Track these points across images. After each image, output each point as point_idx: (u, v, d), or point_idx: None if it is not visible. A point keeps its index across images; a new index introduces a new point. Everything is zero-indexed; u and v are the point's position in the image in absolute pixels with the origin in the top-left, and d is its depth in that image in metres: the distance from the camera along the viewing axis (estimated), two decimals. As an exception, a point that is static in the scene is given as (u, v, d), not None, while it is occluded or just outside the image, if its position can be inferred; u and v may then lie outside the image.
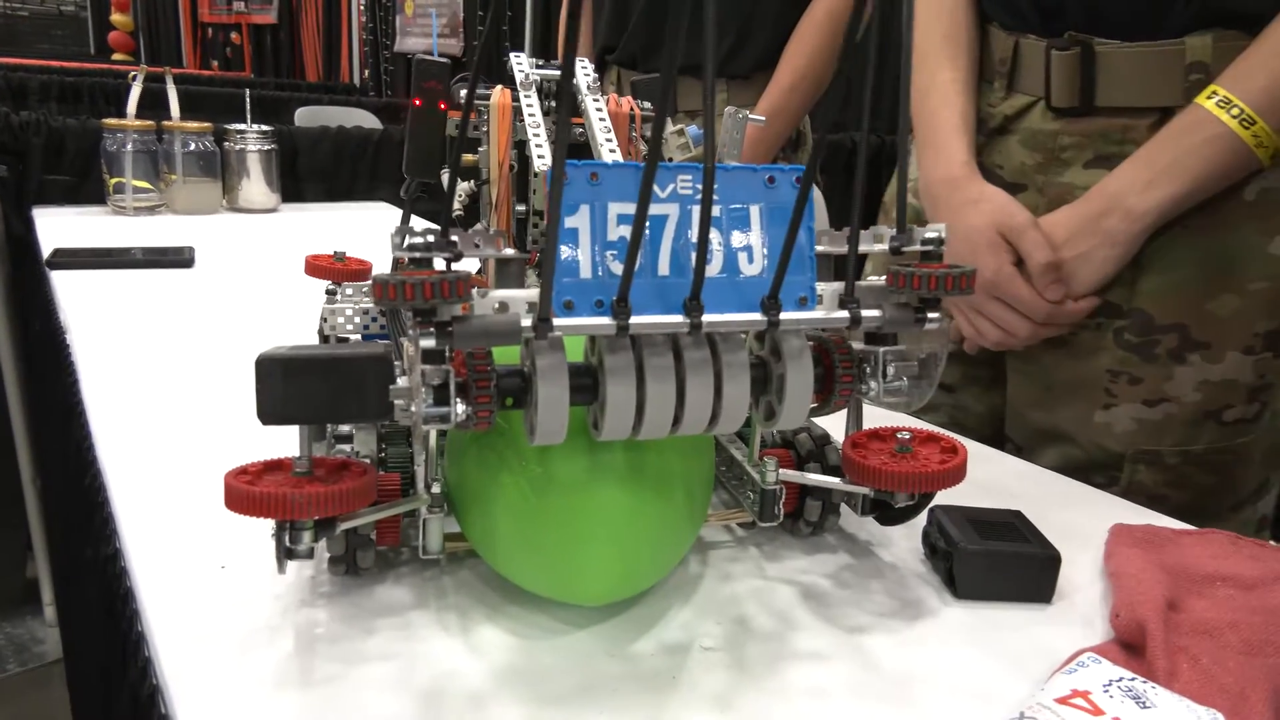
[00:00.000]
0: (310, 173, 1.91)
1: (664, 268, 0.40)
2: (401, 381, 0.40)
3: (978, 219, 0.81)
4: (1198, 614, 0.47)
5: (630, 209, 0.39)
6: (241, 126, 1.70)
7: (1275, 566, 0.54)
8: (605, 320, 0.38)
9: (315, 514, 0.41)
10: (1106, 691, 0.40)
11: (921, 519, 0.55)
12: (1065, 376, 0.84)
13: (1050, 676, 0.43)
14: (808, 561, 0.56)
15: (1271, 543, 0.59)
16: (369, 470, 0.43)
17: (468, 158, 0.64)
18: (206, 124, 1.69)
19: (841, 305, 0.43)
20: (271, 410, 0.40)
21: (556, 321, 0.38)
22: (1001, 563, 0.51)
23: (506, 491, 0.46)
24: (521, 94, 0.62)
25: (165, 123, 1.65)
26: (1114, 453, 0.82)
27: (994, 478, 0.69)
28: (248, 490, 0.40)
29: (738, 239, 0.41)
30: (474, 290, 0.38)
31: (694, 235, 0.40)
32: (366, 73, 4.91)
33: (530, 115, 0.61)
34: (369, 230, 1.67)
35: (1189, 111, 0.74)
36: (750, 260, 0.41)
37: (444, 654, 0.45)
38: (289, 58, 5.44)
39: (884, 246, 0.47)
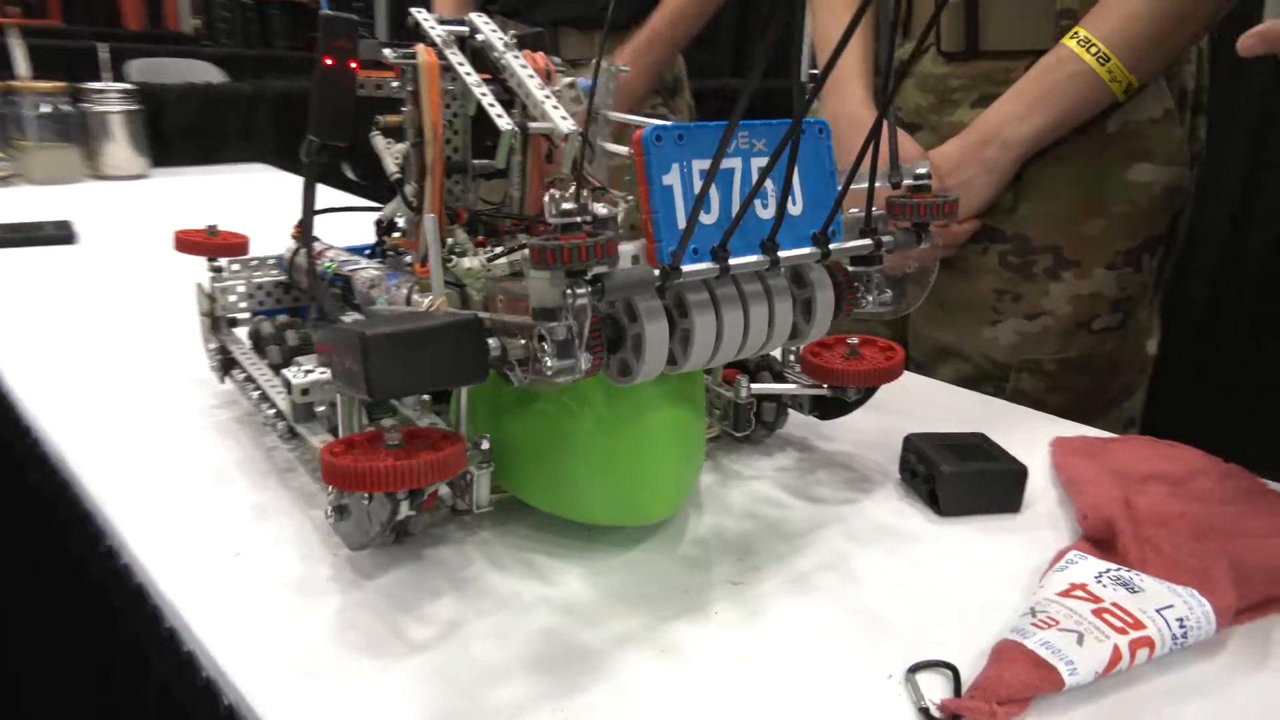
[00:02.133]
0: (178, 134, 1.79)
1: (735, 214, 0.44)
2: (492, 343, 0.42)
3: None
4: (1148, 509, 0.55)
5: (707, 164, 0.42)
6: (100, 85, 1.58)
7: (1191, 463, 0.63)
8: (709, 265, 0.42)
9: (434, 480, 0.42)
10: (1099, 582, 0.47)
11: (885, 441, 0.61)
12: (956, 297, 0.94)
13: (1044, 575, 0.50)
14: (799, 480, 0.60)
15: (1178, 444, 0.67)
16: (453, 435, 0.45)
17: (392, 118, 0.64)
18: (60, 83, 1.56)
19: (862, 234, 0.49)
20: (384, 385, 0.41)
21: (666, 267, 0.42)
22: (978, 481, 0.58)
23: (576, 436, 0.50)
24: (449, 53, 0.62)
25: (12, 82, 1.51)
26: (1001, 364, 0.93)
27: (928, 397, 0.76)
28: (373, 467, 0.41)
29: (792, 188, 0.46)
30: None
31: (764, 187, 0.45)
32: (198, 20, 4.57)
33: (468, 76, 0.62)
34: (250, 195, 1.59)
35: (1055, 51, 0.84)
36: (794, 202, 0.46)
37: (528, 594, 0.49)
38: (105, 3, 4.99)
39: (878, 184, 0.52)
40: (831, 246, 0.47)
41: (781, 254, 0.45)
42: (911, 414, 0.71)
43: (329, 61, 0.63)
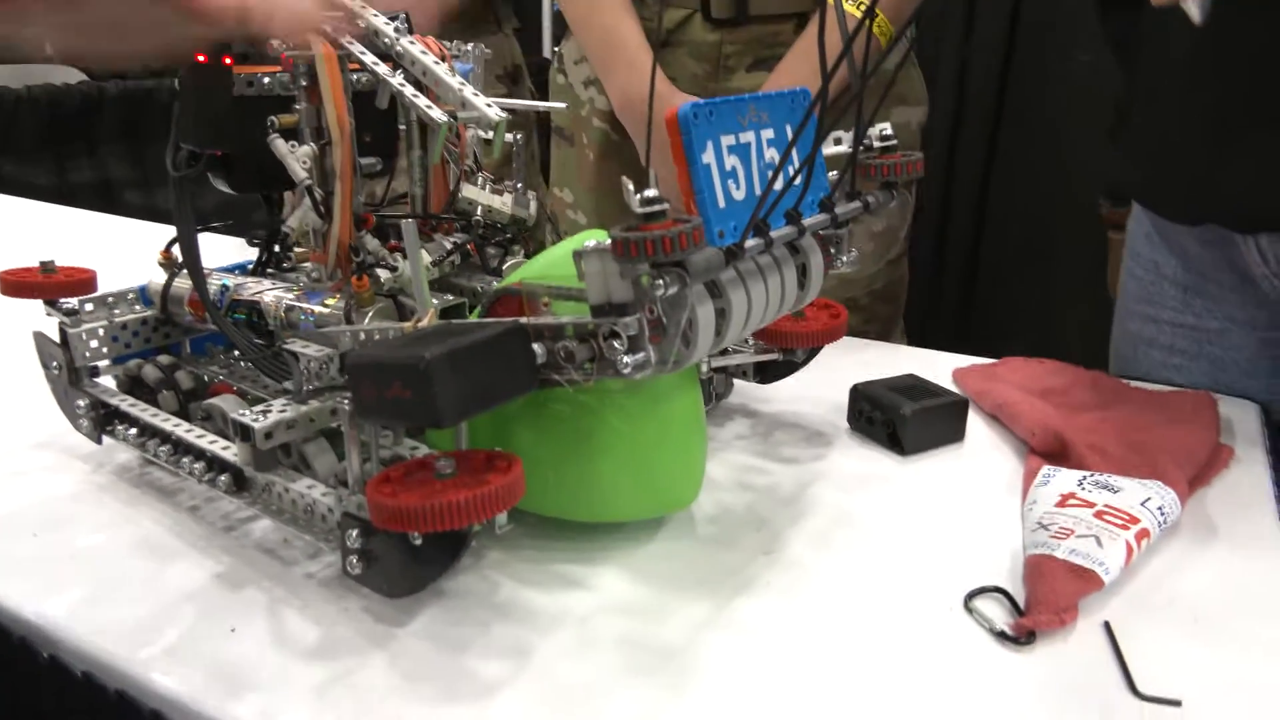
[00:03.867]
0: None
1: (757, 187, 0.44)
2: (537, 349, 0.39)
3: None
4: (1077, 420, 0.62)
5: (731, 140, 0.42)
6: None
7: (1064, 374, 0.72)
8: (756, 241, 0.42)
9: (511, 504, 0.39)
10: (1083, 488, 0.53)
11: (810, 394, 0.64)
12: None
13: (1027, 490, 0.55)
14: (764, 444, 0.62)
15: (1044, 359, 0.77)
16: (500, 454, 0.41)
17: (287, 118, 0.58)
18: None
19: (849, 198, 0.50)
20: (454, 409, 0.37)
21: (731, 247, 0.41)
22: (932, 417, 0.62)
23: (599, 434, 0.48)
24: (345, 41, 0.58)
25: None
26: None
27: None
28: (451, 501, 0.37)
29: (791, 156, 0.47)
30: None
31: (769, 156, 0.45)
32: None
33: (376, 66, 0.58)
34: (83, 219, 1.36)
35: (830, 10, 0.89)
36: (793, 168, 0.46)
37: (578, 605, 0.47)
38: None
39: (843, 149, 0.54)
40: (837, 211, 0.48)
41: (803, 222, 0.46)
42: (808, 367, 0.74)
43: (201, 58, 0.56)
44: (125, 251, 1.21)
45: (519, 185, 0.68)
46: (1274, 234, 0.66)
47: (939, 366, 0.76)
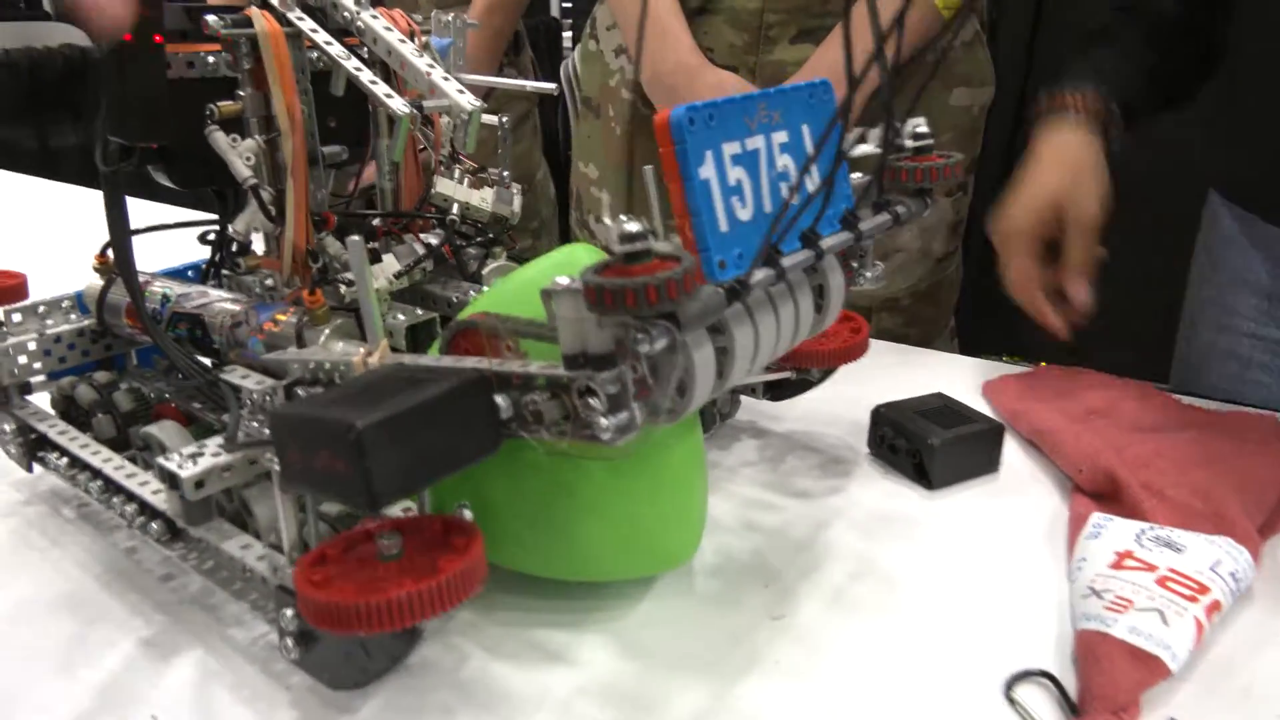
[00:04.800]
0: None
1: (767, 203, 0.37)
2: (501, 401, 0.33)
3: None
4: (1131, 453, 0.54)
5: (736, 148, 0.35)
6: None
7: (1108, 388, 0.65)
8: (769, 272, 0.35)
9: (468, 595, 0.32)
10: (1142, 545, 0.46)
11: (828, 411, 0.57)
12: None
13: (1075, 545, 0.48)
14: (774, 473, 0.55)
15: (1080, 369, 0.69)
16: (457, 523, 0.35)
17: (228, 105, 0.51)
18: None
19: (876, 209, 0.43)
20: (390, 486, 0.30)
21: (735, 284, 0.34)
22: (963, 447, 0.55)
23: (582, 488, 0.42)
24: (293, 18, 0.50)
25: None
26: (862, 308, 0.92)
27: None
28: (389, 599, 0.31)
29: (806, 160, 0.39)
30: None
31: (780, 164, 0.38)
32: None
33: (329, 45, 0.50)
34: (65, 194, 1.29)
35: None
36: (812, 178, 0.39)
37: (557, 685, 0.40)
38: None
39: (868, 148, 0.46)
40: (862, 227, 0.41)
41: (822, 243, 0.39)
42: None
43: (128, 38, 0.48)
44: (62, 218, 1.15)
45: (504, 174, 0.61)
46: None
47: (969, 378, 0.69)
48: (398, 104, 0.47)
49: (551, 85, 0.65)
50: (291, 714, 0.39)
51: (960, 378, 0.69)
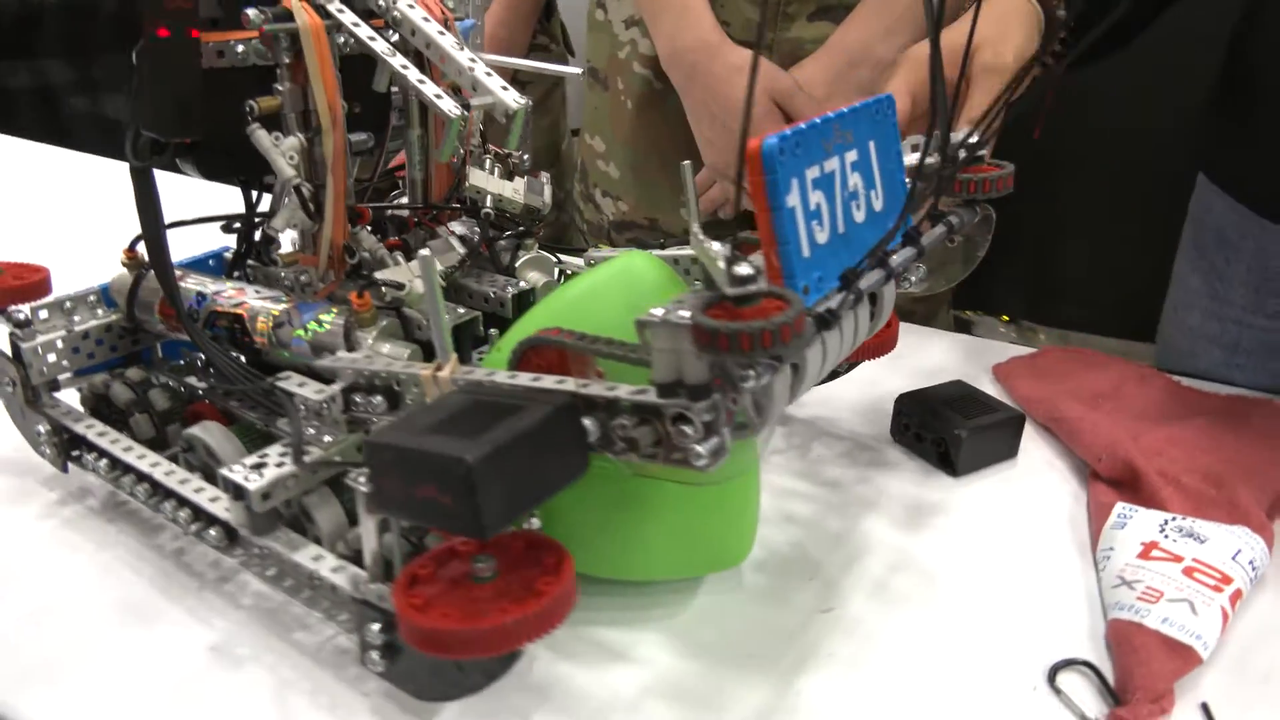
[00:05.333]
0: None
1: (841, 224, 0.38)
2: (589, 424, 0.34)
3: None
4: (1146, 441, 0.57)
5: (816, 172, 0.36)
6: None
7: (1109, 370, 0.68)
8: (845, 295, 0.36)
9: (567, 613, 0.33)
10: (1167, 536, 0.48)
11: (847, 396, 0.59)
12: None
13: (1100, 534, 0.50)
14: (803, 461, 0.57)
15: (1082, 350, 0.72)
16: (540, 540, 0.36)
17: (267, 101, 0.50)
18: None
19: (931, 220, 0.45)
20: (497, 517, 0.32)
21: (825, 315, 0.35)
22: (987, 436, 0.57)
23: (650, 495, 0.43)
24: (334, 9, 0.49)
25: None
26: None
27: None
28: (500, 625, 0.32)
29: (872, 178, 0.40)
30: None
31: (852, 182, 0.39)
32: None
33: (372, 40, 0.49)
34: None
35: None
36: (877, 195, 0.40)
37: (624, 685, 0.42)
38: None
39: (913, 157, 0.47)
40: (923, 243, 0.42)
41: (892, 261, 0.40)
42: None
43: (165, 33, 0.47)
44: (78, 193, 1.11)
45: (525, 156, 0.60)
46: None
47: (978, 358, 0.71)
48: (448, 105, 0.46)
49: (577, 69, 0.64)
50: (373, 719, 0.40)
51: (969, 358, 0.71)
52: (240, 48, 0.50)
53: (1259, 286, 0.72)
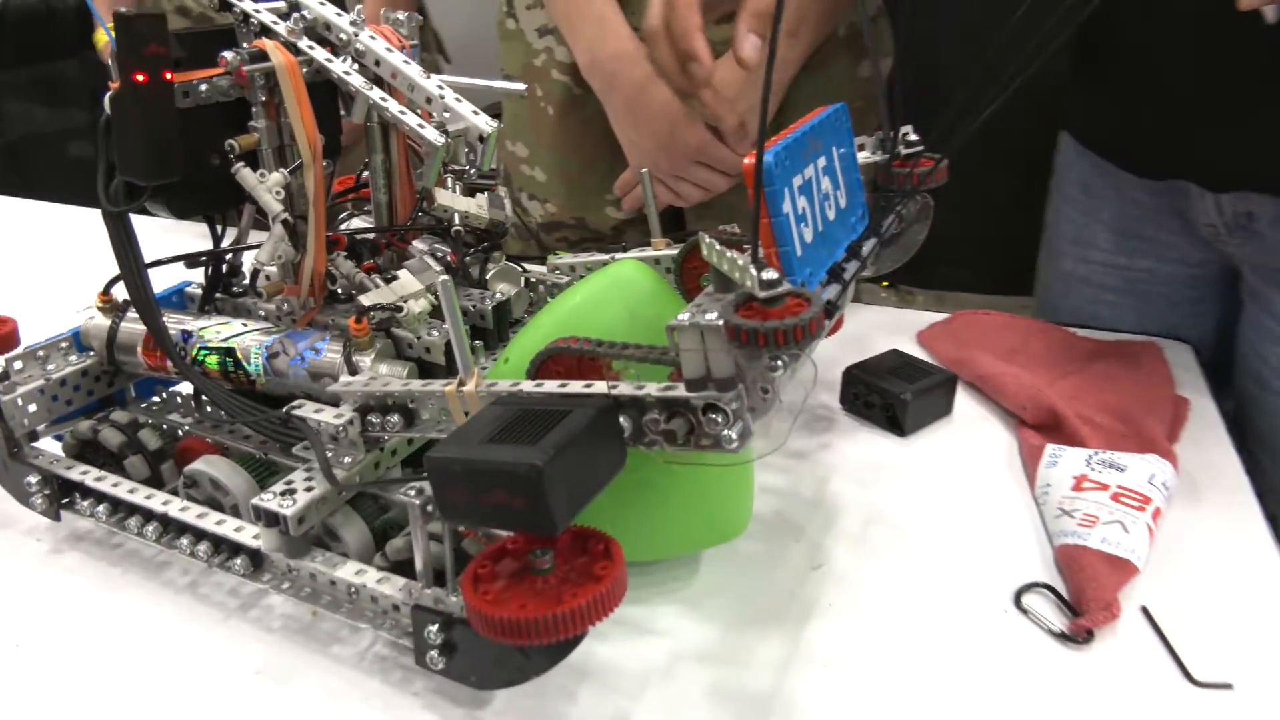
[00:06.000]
0: None
1: (820, 223, 0.43)
2: (624, 422, 0.37)
3: (666, 93, 0.85)
4: (1052, 386, 0.65)
5: (800, 179, 0.41)
6: None
7: (1015, 328, 0.76)
8: (837, 286, 0.41)
9: (623, 593, 0.37)
10: (1093, 469, 0.56)
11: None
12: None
13: (1036, 473, 0.57)
14: (765, 435, 0.62)
15: (989, 310, 0.80)
16: (587, 531, 0.39)
17: (244, 140, 0.52)
18: None
19: (884, 211, 0.51)
20: (563, 513, 0.35)
21: (828, 304, 0.40)
22: (928, 397, 0.64)
23: (655, 480, 0.47)
24: (305, 46, 0.52)
25: None
26: None
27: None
28: (574, 608, 0.35)
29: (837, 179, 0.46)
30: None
31: (824, 186, 0.44)
32: None
33: (347, 75, 0.51)
34: None
35: None
36: (841, 194, 0.45)
37: (652, 655, 0.46)
38: None
39: (869, 156, 0.53)
40: (881, 232, 0.47)
41: (862, 252, 0.45)
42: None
43: (142, 78, 0.47)
44: (32, 240, 1.04)
45: (496, 175, 0.63)
46: (1238, 193, 0.70)
47: (903, 326, 0.78)
48: (431, 134, 0.49)
49: (521, 86, 0.67)
50: (429, 715, 0.43)
51: (897, 329, 0.78)
52: (204, 87, 0.50)
53: (1122, 229, 0.81)
